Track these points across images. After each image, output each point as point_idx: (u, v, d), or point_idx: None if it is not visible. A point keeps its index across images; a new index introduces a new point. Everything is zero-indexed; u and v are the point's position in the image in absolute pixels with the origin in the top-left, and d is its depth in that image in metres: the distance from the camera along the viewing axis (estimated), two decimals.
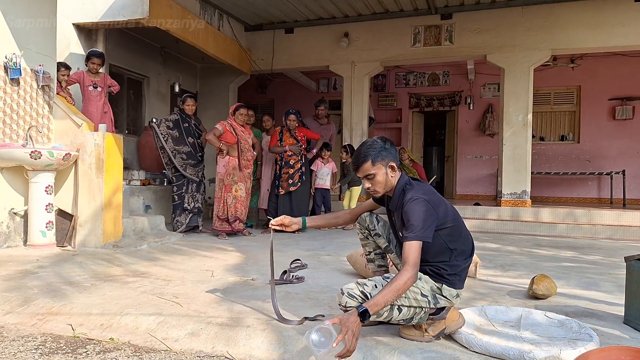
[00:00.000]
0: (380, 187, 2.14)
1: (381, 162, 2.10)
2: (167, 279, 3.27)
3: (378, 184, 2.13)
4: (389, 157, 2.12)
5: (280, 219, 2.38)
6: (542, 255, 4.65)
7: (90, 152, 4.50)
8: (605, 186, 9.23)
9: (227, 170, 5.52)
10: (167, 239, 5.06)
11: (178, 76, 8.33)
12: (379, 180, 2.12)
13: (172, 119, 5.78)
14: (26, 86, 4.35)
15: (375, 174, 2.11)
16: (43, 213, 4.29)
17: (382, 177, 2.11)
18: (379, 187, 2.14)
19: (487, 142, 10.06)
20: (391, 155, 2.13)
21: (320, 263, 3.96)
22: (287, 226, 2.38)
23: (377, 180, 2.12)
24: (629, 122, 9.26)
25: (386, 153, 2.11)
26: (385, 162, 2.11)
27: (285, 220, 2.37)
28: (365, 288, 1.96)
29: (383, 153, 2.11)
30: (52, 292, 2.81)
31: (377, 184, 2.13)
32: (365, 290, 1.95)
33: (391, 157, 2.13)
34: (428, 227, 1.96)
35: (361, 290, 1.95)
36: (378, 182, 2.12)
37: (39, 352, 2.08)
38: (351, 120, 8.17)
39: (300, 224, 2.40)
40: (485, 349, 1.92)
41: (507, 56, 7.34)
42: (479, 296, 2.91)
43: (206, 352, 2.08)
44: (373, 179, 2.12)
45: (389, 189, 2.16)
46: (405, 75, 10.65)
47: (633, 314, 2.32)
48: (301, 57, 8.40)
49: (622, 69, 9.19)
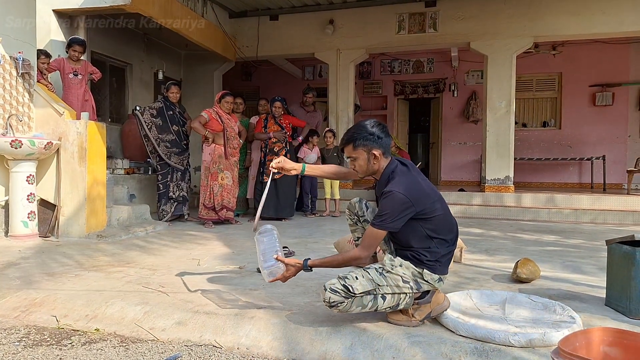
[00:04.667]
0: (361, 170, 2.19)
1: (363, 148, 2.12)
2: (153, 268, 3.25)
3: (359, 167, 2.18)
4: (373, 144, 2.11)
5: (281, 160, 2.38)
6: (526, 240, 4.73)
7: (73, 140, 4.41)
8: (586, 171, 9.40)
9: (213, 159, 5.47)
10: (152, 228, 5.01)
11: (162, 63, 8.19)
12: (360, 164, 2.17)
13: (156, 107, 5.69)
14: (5, 74, 4.23)
15: (355, 158, 2.16)
16: (25, 203, 4.21)
17: (362, 162, 2.15)
18: (360, 170, 2.19)
19: (471, 129, 10.15)
20: (377, 143, 2.11)
21: (307, 250, 3.97)
22: (287, 170, 2.39)
23: (358, 164, 2.17)
24: (608, 108, 9.41)
25: (371, 139, 2.10)
26: (368, 149, 2.11)
27: (286, 164, 2.38)
28: (346, 281, 1.97)
29: (368, 139, 2.10)
30: (35, 283, 2.77)
31: (358, 167, 2.18)
32: (347, 283, 1.97)
33: (377, 144, 2.11)
34: (396, 219, 1.99)
35: (343, 284, 1.97)
36: (359, 165, 2.17)
37: (22, 344, 2.06)
38: (337, 108, 8.15)
39: (300, 170, 2.41)
40: (471, 332, 1.96)
41: (490, 43, 7.37)
42: (464, 280, 2.95)
43: (194, 341, 2.08)
44: (355, 162, 2.18)
45: (372, 173, 2.18)
46: (391, 63, 10.64)
47: (614, 296, 2.38)
48: (286, 44, 8.31)
49: (603, 55, 9.31)
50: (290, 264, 2.18)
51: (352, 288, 1.96)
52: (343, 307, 1.98)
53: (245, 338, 2.06)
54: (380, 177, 2.16)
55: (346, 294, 1.96)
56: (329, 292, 1.96)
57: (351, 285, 1.96)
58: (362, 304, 1.99)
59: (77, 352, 1.97)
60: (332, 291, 1.96)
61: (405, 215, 2.00)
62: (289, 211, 6.20)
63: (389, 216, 1.98)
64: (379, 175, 2.18)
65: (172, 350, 1.98)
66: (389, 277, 2.03)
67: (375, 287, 2.00)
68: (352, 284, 1.96)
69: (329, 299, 1.96)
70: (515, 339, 1.87)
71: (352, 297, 1.97)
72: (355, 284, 1.97)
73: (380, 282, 2.01)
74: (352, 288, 1.96)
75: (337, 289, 1.96)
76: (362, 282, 1.98)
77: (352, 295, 1.96)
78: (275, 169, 2.37)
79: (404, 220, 2.00)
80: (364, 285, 1.98)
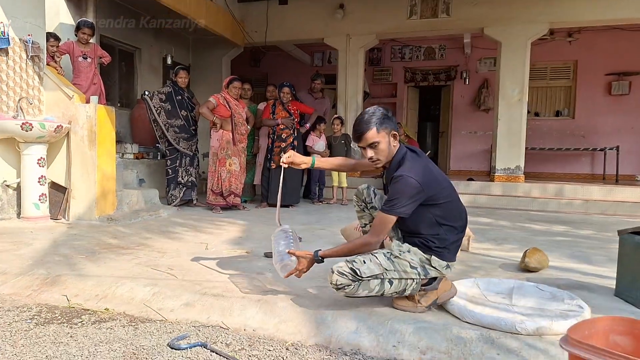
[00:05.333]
0: (383, 155, 2.10)
1: (384, 130, 2.07)
2: (161, 251, 3.28)
3: (381, 153, 2.09)
4: (391, 125, 2.09)
5: (291, 154, 2.38)
6: (535, 230, 4.70)
7: (82, 124, 4.43)
8: (599, 162, 9.27)
9: (220, 145, 5.47)
10: (161, 212, 5.04)
11: (170, 48, 8.16)
12: (382, 149, 2.08)
13: (165, 92, 5.69)
14: (15, 56, 4.25)
15: (379, 142, 2.06)
16: (36, 185, 4.26)
17: (385, 146, 2.08)
18: (382, 156, 2.10)
19: (481, 118, 10.03)
20: (393, 124, 2.11)
21: (314, 236, 3.98)
22: (297, 164, 2.40)
23: (380, 149, 2.08)
24: (624, 97, 9.23)
25: (389, 121, 2.09)
26: (388, 130, 2.08)
27: (296, 158, 2.38)
28: (354, 264, 1.98)
29: (386, 121, 2.07)
30: (46, 263, 2.81)
31: (381, 153, 2.09)
32: (354, 266, 1.97)
33: (393, 125, 2.11)
34: (406, 204, 1.97)
35: (350, 267, 1.97)
36: (381, 150, 2.08)
37: (34, 322, 2.09)
38: (346, 95, 8.09)
39: (310, 163, 2.41)
40: (477, 320, 1.95)
41: (504, 29, 7.23)
42: (471, 269, 2.94)
43: (201, 322, 2.10)
44: (377, 148, 2.07)
45: (390, 158, 2.13)
46: (401, 49, 10.51)
47: (624, 287, 2.36)
48: (295, 29, 8.23)
49: (620, 43, 9.10)
50: (302, 256, 2.16)
51: (360, 271, 1.96)
52: (350, 290, 1.98)
53: (252, 320, 2.08)
54: (390, 164, 2.14)
55: (353, 277, 1.96)
56: (336, 275, 1.97)
57: (358, 268, 1.97)
58: (368, 287, 2.00)
59: (87, 330, 2.00)
60: (339, 274, 1.97)
61: (416, 200, 1.98)
62: (296, 198, 6.21)
63: (400, 201, 1.97)
64: (389, 162, 2.15)
65: (180, 331, 2.00)
66: (397, 263, 2.03)
67: (382, 271, 2.00)
68: (360, 268, 1.97)
69: (336, 282, 1.97)
70: (522, 327, 1.86)
71: (359, 281, 1.98)
72: (363, 268, 1.97)
73: (388, 266, 2.01)
74: (360, 271, 1.96)
75: (344, 271, 1.97)
76: (369, 266, 1.98)
77: (359, 278, 1.97)
78: (286, 164, 2.37)
79: (414, 205, 1.99)
80: (371, 269, 1.98)
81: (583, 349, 1.22)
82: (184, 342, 1.88)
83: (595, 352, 1.19)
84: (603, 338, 1.42)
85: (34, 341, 1.89)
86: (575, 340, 1.25)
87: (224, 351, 1.81)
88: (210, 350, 1.82)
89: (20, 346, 1.84)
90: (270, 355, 1.80)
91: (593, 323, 1.45)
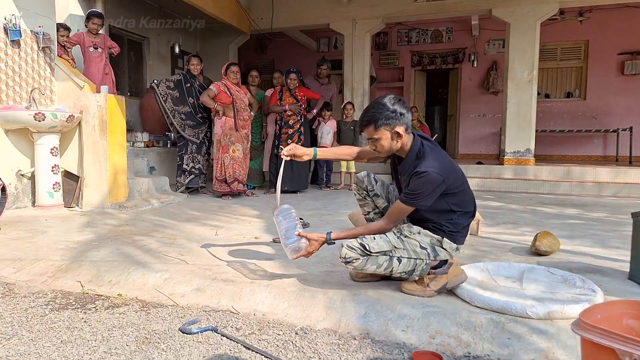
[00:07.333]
0: (382, 150, 2.08)
1: (385, 127, 2.00)
2: (172, 237, 3.31)
3: (381, 148, 2.07)
4: (396, 122, 2.00)
5: (292, 147, 2.37)
6: (546, 213, 4.66)
7: (94, 113, 4.47)
8: (611, 143, 9.13)
9: (224, 131, 5.47)
10: (171, 199, 5.09)
11: (178, 37, 8.14)
12: (383, 145, 2.05)
13: (174, 79, 5.73)
14: (27, 48, 4.28)
15: (378, 139, 2.04)
16: (49, 174, 4.32)
17: (385, 142, 2.04)
18: (382, 151, 2.09)
19: (490, 100, 9.91)
20: (400, 121, 2.00)
21: (322, 222, 3.99)
22: (299, 156, 2.38)
23: (380, 144, 2.06)
24: (638, 77, 9.05)
25: (394, 117, 1.99)
26: (391, 127, 2.00)
27: (297, 150, 2.37)
28: (364, 240, 2.04)
29: (390, 118, 1.99)
30: (60, 250, 2.86)
31: (381, 148, 2.07)
32: (364, 242, 2.03)
33: (400, 122, 2.00)
34: (427, 197, 1.98)
35: (360, 243, 2.03)
36: (381, 145, 2.06)
37: (49, 307, 2.14)
38: (352, 80, 8.03)
39: (312, 154, 2.40)
40: (487, 304, 1.92)
41: (513, 10, 7.10)
42: (481, 253, 2.93)
43: (212, 306, 2.13)
44: (376, 143, 2.07)
45: (394, 151, 2.11)
46: (408, 33, 10.38)
47: (638, 270, 2.32)
48: (301, 14, 8.16)
49: (633, 21, 8.89)
50: (314, 238, 2.18)
51: (369, 247, 2.01)
52: (358, 264, 2.03)
53: (261, 305, 2.10)
54: (406, 155, 2.09)
55: (362, 251, 2.02)
56: (346, 249, 2.03)
57: (368, 244, 2.02)
58: (377, 263, 2.03)
59: (101, 315, 2.04)
60: (348, 248, 2.03)
61: (437, 193, 2.00)
62: (304, 184, 6.22)
63: (422, 195, 1.97)
64: (403, 153, 2.10)
65: (191, 315, 2.03)
66: (407, 242, 2.06)
67: (391, 248, 2.04)
68: (369, 243, 2.02)
69: (345, 255, 2.03)
70: (533, 311, 1.83)
71: (368, 255, 2.02)
72: (372, 244, 2.02)
73: (398, 244, 2.04)
74: (369, 247, 2.01)
75: (353, 246, 2.03)
76: (378, 242, 2.03)
77: (367, 253, 2.02)
78: (288, 157, 2.35)
79: (434, 197, 2.00)
80: (380, 245, 2.03)
81: (596, 333, 1.18)
82: (195, 326, 1.90)
83: (608, 336, 1.15)
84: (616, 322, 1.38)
85: (49, 326, 1.93)
86: (588, 324, 1.21)
87: (234, 335, 1.84)
88: (221, 334, 1.84)
89: (36, 331, 1.88)
90: (280, 339, 1.82)
91: (606, 307, 1.40)
